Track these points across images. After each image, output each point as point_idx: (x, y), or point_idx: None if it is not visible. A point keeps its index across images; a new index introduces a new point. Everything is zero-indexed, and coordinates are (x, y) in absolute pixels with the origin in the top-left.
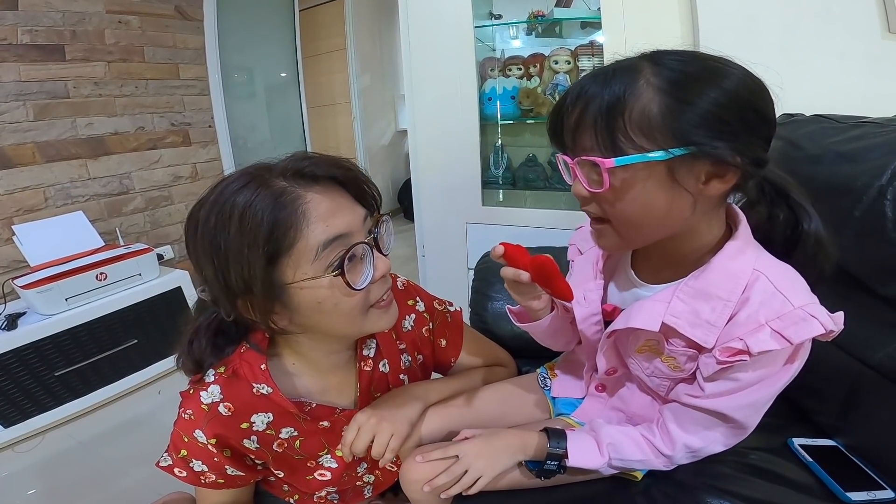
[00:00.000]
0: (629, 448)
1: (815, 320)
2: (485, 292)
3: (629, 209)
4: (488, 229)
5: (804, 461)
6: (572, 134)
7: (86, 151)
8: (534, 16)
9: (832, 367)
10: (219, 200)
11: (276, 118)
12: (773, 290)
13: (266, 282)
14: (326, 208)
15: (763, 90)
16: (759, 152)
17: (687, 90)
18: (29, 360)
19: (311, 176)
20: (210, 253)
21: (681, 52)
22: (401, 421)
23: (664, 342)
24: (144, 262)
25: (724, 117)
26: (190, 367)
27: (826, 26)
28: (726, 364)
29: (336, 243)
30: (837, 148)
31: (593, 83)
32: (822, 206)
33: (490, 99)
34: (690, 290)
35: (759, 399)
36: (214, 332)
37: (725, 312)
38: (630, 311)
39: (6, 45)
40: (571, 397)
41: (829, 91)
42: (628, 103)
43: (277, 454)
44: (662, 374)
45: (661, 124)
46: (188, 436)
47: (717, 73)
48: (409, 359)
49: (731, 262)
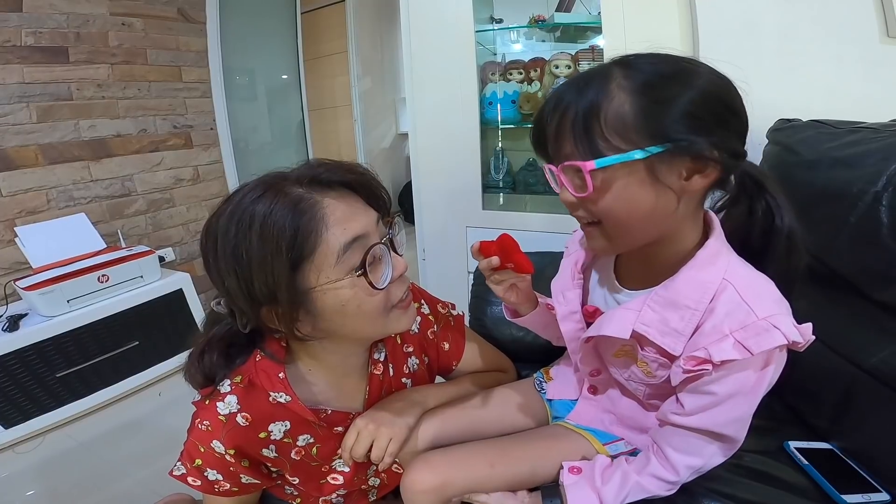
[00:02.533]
0: (635, 495)
1: (778, 331)
2: (485, 297)
3: (614, 209)
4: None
5: (800, 464)
6: (553, 143)
7: (88, 153)
8: (535, 20)
9: (827, 371)
10: (237, 211)
11: (278, 121)
12: (738, 300)
13: (291, 288)
14: (343, 212)
15: (730, 86)
16: (735, 145)
17: (659, 90)
18: (30, 362)
19: (327, 182)
20: (232, 263)
21: (649, 55)
22: (399, 426)
23: (638, 348)
24: (146, 265)
25: (697, 113)
26: (199, 380)
27: (824, 31)
28: (691, 373)
29: (355, 245)
30: (833, 153)
31: (568, 91)
32: (818, 212)
33: (491, 103)
34: (661, 298)
35: (742, 413)
36: (227, 343)
37: (693, 321)
38: (603, 319)
39: (10, 46)
40: (566, 399)
41: (826, 96)
42: (602, 107)
43: (295, 462)
44: (638, 379)
45: (635, 124)
46: (205, 446)
47: (687, 72)
48: (417, 361)
49: (700, 271)
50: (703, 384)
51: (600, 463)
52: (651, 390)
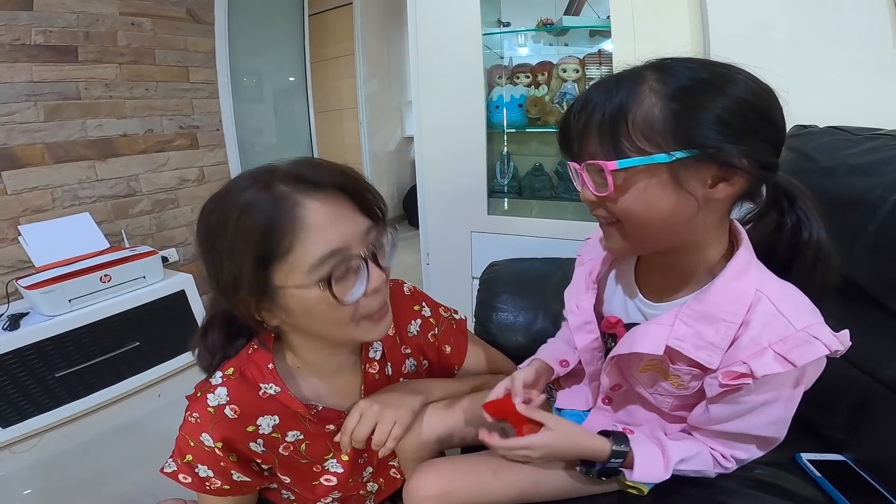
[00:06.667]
0: (696, 462)
1: (819, 342)
2: (489, 303)
3: (633, 210)
4: (493, 238)
5: (812, 476)
6: (579, 141)
7: (94, 153)
8: (542, 23)
9: (842, 382)
10: (223, 199)
11: (284, 123)
12: (775, 312)
13: (254, 283)
14: (324, 219)
15: (769, 94)
16: (767, 156)
17: (691, 95)
18: (30, 361)
19: (313, 182)
20: (207, 246)
21: (686, 59)
22: (404, 409)
23: (668, 363)
24: (149, 265)
25: (728, 120)
26: (207, 358)
27: (836, 37)
28: (730, 387)
29: (330, 258)
30: (851, 160)
31: (598, 92)
32: (835, 220)
33: (497, 107)
34: (693, 312)
35: (780, 416)
36: (227, 321)
37: (730, 334)
38: (633, 335)
39: (20, 45)
40: (576, 409)
41: (839, 102)
42: (631, 109)
43: (283, 458)
44: (666, 392)
45: (663, 128)
46: (194, 440)
47: (722, 78)
48: (415, 363)
49: (734, 282)
50: (740, 395)
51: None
52: (678, 402)
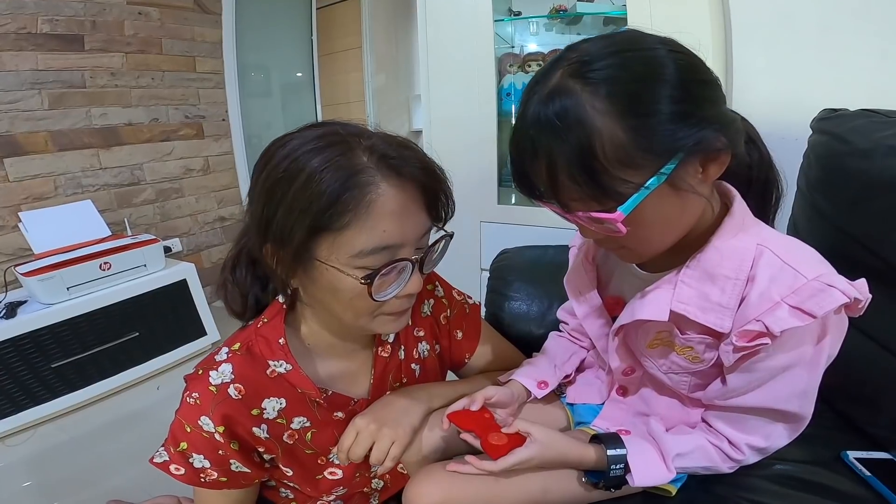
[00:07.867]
0: (696, 457)
1: (835, 289)
2: (502, 291)
3: (648, 233)
4: (503, 228)
5: (861, 475)
6: (551, 191)
7: (98, 141)
8: (555, 10)
9: (886, 375)
10: (296, 150)
11: (291, 116)
12: (780, 263)
13: (300, 246)
14: (391, 209)
15: (691, 55)
16: (727, 116)
17: (637, 101)
18: (25, 351)
19: (396, 167)
20: (266, 195)
21: (595, 50)
22: (403, 427)
23: (676, 333)
24: (150, 253)
25: (685, 109)
26: (237, 299)
27: (866, 24)
28: (747, 350)
29: (380, 252)
30: (889, 142)
31: (542, 133)
32: (873, 203)
33: (508, 94)
34: (694, 272)
35: (805, 386)
36: (254, 259)
37: (736, 292)
38: (634, 303)
39: (26, 34)
40: (590, 403)
41: (869, 90)
42: (594, 144)
43: (287, 447)
44: (681, 369)
45: (637, 148)
46: (191, 425)
47: (649, 63)
48: (427, 347)
49: (732, 239)
50: (759, 360)
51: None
52: (697, 379)
